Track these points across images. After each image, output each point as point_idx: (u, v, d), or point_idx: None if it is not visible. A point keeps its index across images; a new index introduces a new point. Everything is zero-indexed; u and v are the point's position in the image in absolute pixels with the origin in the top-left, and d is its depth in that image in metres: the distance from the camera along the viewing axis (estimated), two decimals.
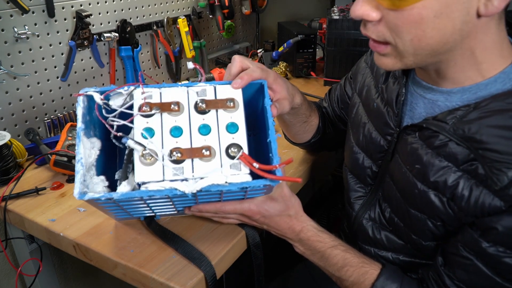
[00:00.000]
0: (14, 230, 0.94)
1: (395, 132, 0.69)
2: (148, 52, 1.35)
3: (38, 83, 1.05)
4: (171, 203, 0.64)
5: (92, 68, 1.18)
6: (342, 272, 0.68)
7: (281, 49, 1.46)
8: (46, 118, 1.08)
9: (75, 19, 1.09)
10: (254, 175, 0.58)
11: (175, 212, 0.72)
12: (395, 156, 0.68)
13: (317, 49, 1.54)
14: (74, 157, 0.90)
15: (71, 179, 0.92)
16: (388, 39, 0.56)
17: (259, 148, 0.71)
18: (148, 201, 0.60)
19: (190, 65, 0.68)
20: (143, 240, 0.72)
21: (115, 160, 0.72)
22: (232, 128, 0.60)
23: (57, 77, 1.09)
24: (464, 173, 0.57)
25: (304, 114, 0.84)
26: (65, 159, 0.90)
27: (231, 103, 0.62)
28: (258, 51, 1.57)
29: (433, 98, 0.64)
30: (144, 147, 0.57)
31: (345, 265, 0.68)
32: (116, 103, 0.61)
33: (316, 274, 0.91)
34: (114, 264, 0.69)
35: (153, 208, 0.67)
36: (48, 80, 1.07)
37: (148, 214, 0.73)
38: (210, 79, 1.27)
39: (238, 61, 0.67)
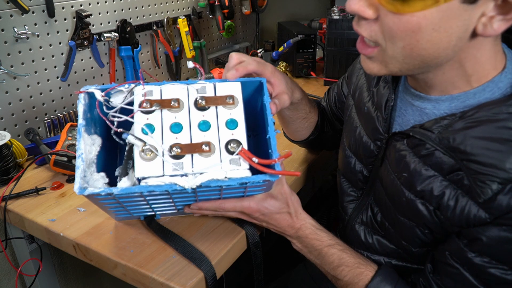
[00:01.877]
0: (14, 230, 0.94)
1: (384, 138, 0.68)
2: (148, 52, 1.35)
3: (38, 83, 1.05)
4: (171, 200, 0.64)
5: (92, 68, 1.18)
6: (337, 271, 0.68)
7: (281, 49, 1.46)
8: (46, 118, 1.08)
9: (75, 19, 1.09)
10: (253, 171, 0.58)
11: (175, 211, 0.72)
12: (384, 161, 0.68)
13: (317, 49, 1.54)
14: (74, 157, 0.90)
15: (71, 179, 0.92)
16: (379, 41, 0.54)
17: (259, 150, 0.71)
18: (148, 197, 0.61)
19: (190, 64, 0.69)
20: (143, 240, 0.72)
21: (115, 159, 0.73)
22: (231, 124, 0.61)
23: (57, 77, 1.09)
24: (450, 183, 0.56)
25: (304, 110, 0.83)
26: (65, 159, 0.90)
27: (231, 100, 0.62)
28: (258, 51, 1.57)
29: (421, 105, 0.63)
30: (144, 142, 0.58)
31: (341, 264, 0.68)
32: (116, 100, 0.62)
33: (315, 274, 0.90)
34: (114, 264, 0.69)
35: (153, 206, 0.67)
36: (48, 80, 1.07)
37: (148, 213, 0.73)
38: (210, 79, 1.26)
39: (235, 57, 0.68)
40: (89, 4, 1.13)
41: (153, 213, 0.73)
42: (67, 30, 1.08)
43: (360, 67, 0.81)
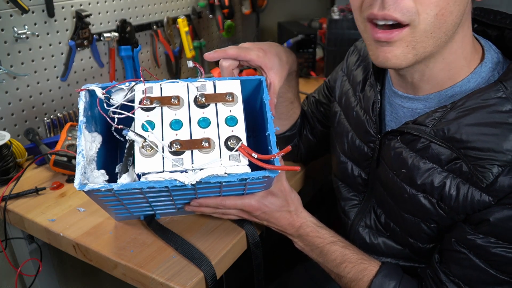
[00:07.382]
0: (14, 230, 0.94)
1: (377, 139, 0.69)
2: (148, 52, 1.35)
3: (38, 83, 1.05)
4: (170, 198, 0.64)
5: (91, 68, 1.18)
6: (340, 268, 0.68)
7: None
8: (46, 118, 1.08)
9: (75, 19, 1.09)
10: (253, 168, 0.58)
11: (175, 210, 0.72)
12: (381, 162, 0.68)
13: (317, 49, 1.54)
14: (74, 157, 0.90)
15: (71, 179, 0.92)
16: (411, 16, 0.52)
17: (258, 150, 0.70)
18: (147, 194, 0.61)
19: (190, 63, 0.69)
20: (143, 240, 0.72)
21: (115, 158, 0.73)
22: (231, 121, 0.61)
23: (57, 77, 1.09)
24: (449, 173, 0.57)
25: (294, 89, 0.82)
26: (65, 159, 0.90)
27: (230, 97, 0.63)
28: None
29: (411, 106, 0.64)
30: (145, 139, 0.58)
31: (344, 261, 0.68)
32: (117, 98, 0.62)
33: (315, 275, 0.90)
34: (114, 264, 0.69)
35: (152, 204, 0.67)
36: (47, 80, 1.07)
37: (148, 213, 0.73)
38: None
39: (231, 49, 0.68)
40: (89, 4, 1.13)
41: (153, 212, 0.73)
42: (67, 30, 1.08)
43: (343, 74, 0.81)
